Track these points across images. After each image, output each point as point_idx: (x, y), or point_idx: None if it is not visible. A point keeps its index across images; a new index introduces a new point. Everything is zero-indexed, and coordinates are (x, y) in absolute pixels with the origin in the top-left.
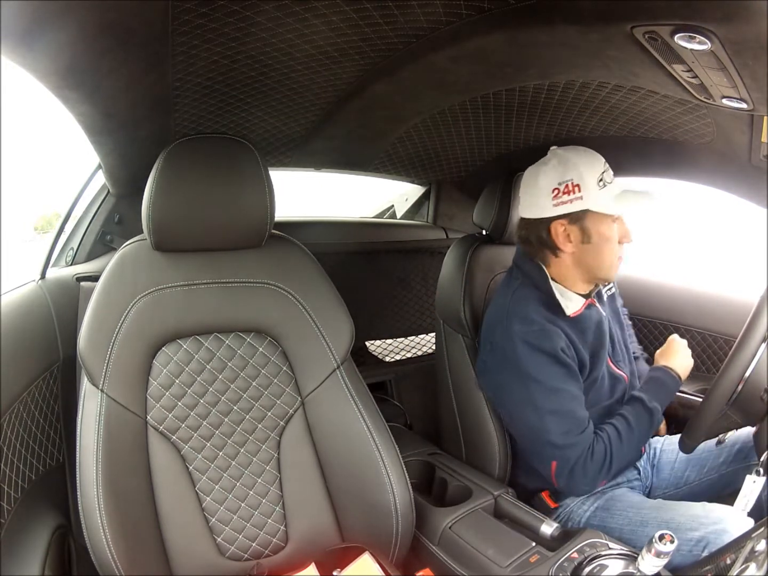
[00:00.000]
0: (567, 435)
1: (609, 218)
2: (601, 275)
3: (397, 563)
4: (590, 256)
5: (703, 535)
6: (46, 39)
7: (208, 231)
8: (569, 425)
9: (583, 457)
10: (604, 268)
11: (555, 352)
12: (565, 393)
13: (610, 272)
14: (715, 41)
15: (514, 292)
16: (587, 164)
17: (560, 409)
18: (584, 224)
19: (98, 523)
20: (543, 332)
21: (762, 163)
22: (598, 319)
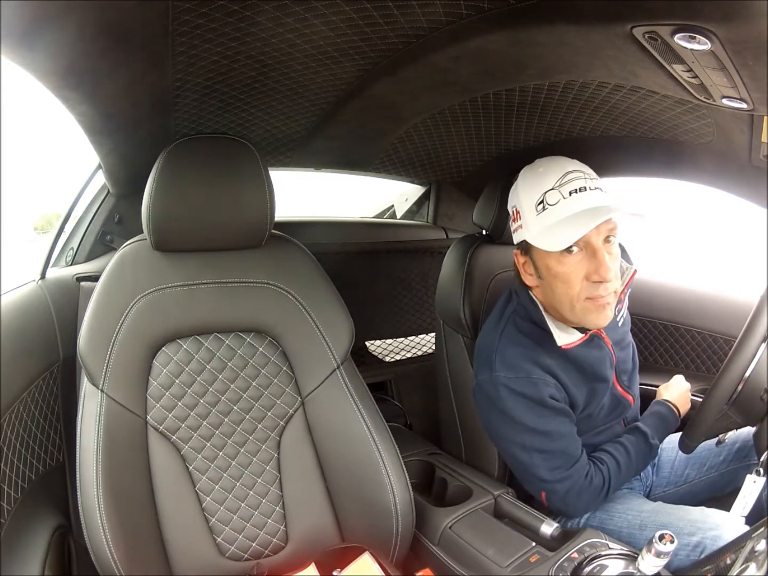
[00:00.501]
0: (556, 471)
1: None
2: (569, 318)
3: (397, 563)
4: (548, 293)
5: (700, 539)
6: (45, 39)
7: (208, 231)
8: (558, 462)
9: (577, 487)
10: (565, 311)
11: (541, 399)
12: (553, 434)
13: (575, 315)
14: (715, 41)
15: (505, 327)
16: (529, 183)
17: (548, 448)
18: (532, 256)
19: (98, 523)
20: (528, 380)
21: (762, 163)
22: (600, 356)
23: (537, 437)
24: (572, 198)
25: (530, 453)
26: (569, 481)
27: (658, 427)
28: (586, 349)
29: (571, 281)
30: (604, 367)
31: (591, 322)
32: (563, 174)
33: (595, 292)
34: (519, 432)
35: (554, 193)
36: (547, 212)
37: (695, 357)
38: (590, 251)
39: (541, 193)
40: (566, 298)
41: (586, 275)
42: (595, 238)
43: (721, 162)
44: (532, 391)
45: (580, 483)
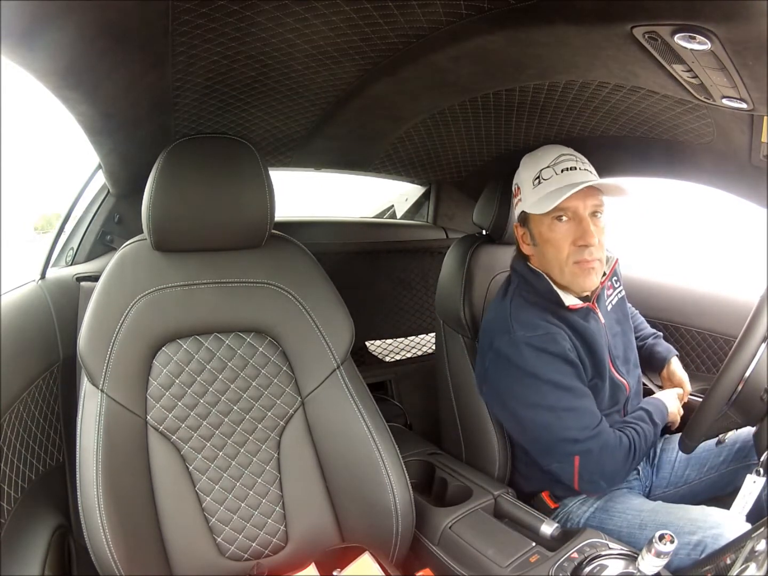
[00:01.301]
0: (585, 429)
1: (548, 218)
2: (559, 280)
3: (397, 563)
4: (541, 259)
5: (700, 538)
6: (45, 39)
7: (208, 231)
8: (587, 420)
9: (611, 444)
10: (556, 273)
11: (563, 353)
12: (577, 390)
13: (564, 277)
14: (715, 41)
15: (512, 299)
16: (529, 164)
17: (575, 405)
18: (529, 225)
19: (98, 523)
20: (548, 335)
21: (762, 163)
22: (597, 328)
23: (564, 394)
24: (563, 174)
25: (558, 413)
26: (602, 438)
27: (656, 412)
28: (586, 319)
29: (560, 246)
30: (603, 341)
31: (578, 285)
32: (558, 155)
33: (581, 257)
34: (545, 392)
35: (548, 170)
36: (542, 185)
37: (695, 357)
38: (577, 220)
39: (537, 170)
40: (556, 262)
41: (573, 240)
42: (582, 210)
43: (721, 162)
44: (553, 346)
45: (612, 440)
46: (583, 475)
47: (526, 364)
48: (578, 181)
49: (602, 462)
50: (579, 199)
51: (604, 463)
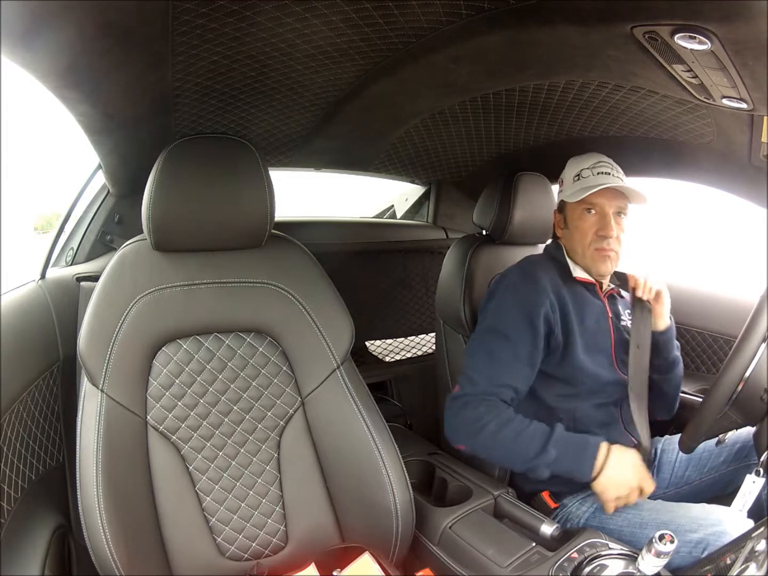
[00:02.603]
0: (479, 373)
1: (580, 208)
2: (580, 262)
3: (397, 563)
4: (569, 241)
5: (702, 536)
6: (45, 39)
7: (208, 231)
8: (490, 370)
9: (473, 403)
10: (578, 255)
11: (531, 308)
12: (510, 345)
13: (585, 260)
14: (715, 41)
15: (530, 259)
16: (573, 163)
17: (496, 352)
18: (565, 212)
19: (98, 523)
20: (533, 289)
21: (762, 163)
22: (599, 313)
23: (495, 336)
24: (598, 176)
25: (479, 349)
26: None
27: (568, 446)
28: (590, 297)
29: (586, 233)
30: (605, 322)
31: (595, 268)
32: (598, 161)
33: (600, 245)
34: (488, 324)
35: (587, 171)
36: (580, 181)
37: (695, 357)
38: (602, 215)
39: (579, 169)
40: (580, 246)
41: (596, 230)
42: (607, 207)
43: (721, 162)
44: (529, 295)
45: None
46: (447, 402)
47: (495, 293)
48: (609, 183)
49: (455, 406)
50: (606, 198)
51: (455, 407)
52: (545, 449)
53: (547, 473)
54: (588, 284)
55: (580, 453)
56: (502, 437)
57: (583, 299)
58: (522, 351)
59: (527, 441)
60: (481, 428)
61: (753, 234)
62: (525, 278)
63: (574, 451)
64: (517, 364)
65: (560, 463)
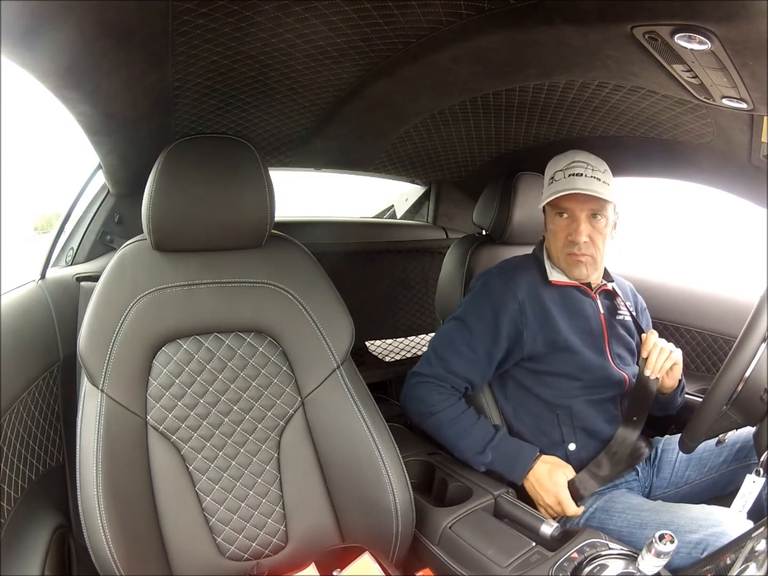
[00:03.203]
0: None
1: (553, 212)
2: (557, 265)
3: (397, 563)
4: (548, 243)
5: (702, 537)
6: (45, 39)
7: (208, 231)
8: (448, 357)
9: (427, 385)
10: (554, 257)
11: (496, 308)
12: (471, 339)
13: (560, 263)
14: (715, 41)
15: (517, 256)
16: (552, 164)
17: (457, 342)
18: (545, 215)
19: (98, 523)
20: (503, 288)
21: (762, 163)
22: (591, 312)
23: (460, 325)
24: (569, 179)
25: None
26: (433, 371)
27: (505, 452)
28: (578, 295)
29: (558, 237)
30: (597, 320)
31: (570, 273)
32: (571, 162)
33: (571, 250)
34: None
35: (560, 173)
36: (553, 184)
37: (695, 357)
38: (572, 219)
39: (553, 171)
40: (554, 249)
41: (567, 235)
42: (578, 211)
43: (721, 162)
44: (497, 294)
45: (432, 384)
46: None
47: (472, 288)
48: (578, 187)
49: (413, 380)
50: (578, 201)
51: (412, 380)
52: (483, 452)
53: (483, 469)
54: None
55: (513, 459)
56: (448, 430)
57: (570, 298)
58: (480, 346)
59: (470, 440)
60: (430, 414)
61: (753, 234)
62: (499, 278)
63: (509, 457)
64: (474, 356)
65: (495, 465)
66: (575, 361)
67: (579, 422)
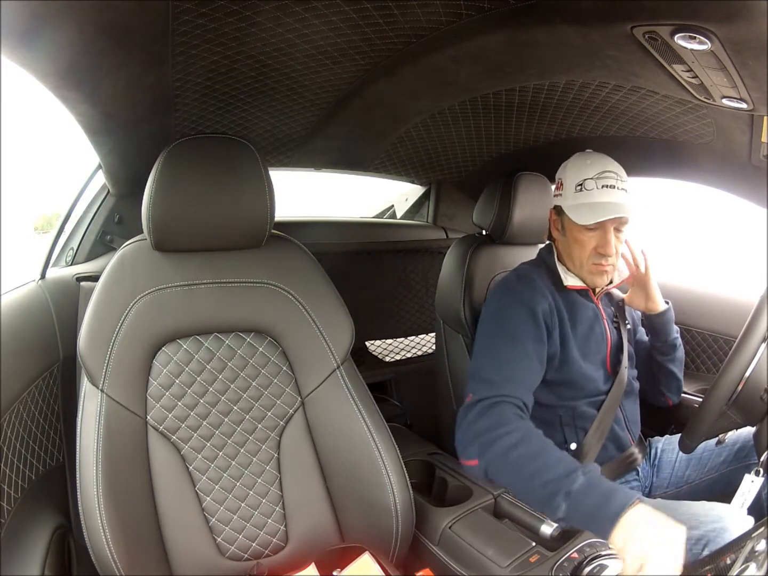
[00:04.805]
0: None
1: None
2: (575, 272)
3: (397, 563)
4: (566, 248)
5: (702, 533)
6: (45, 39)
7: (208, 231)
8: (503, 371)
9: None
10: (575, 265)
11: (531, 306)
12: (513, 337)
13: (581, 271)
14: (715, 41)
15: (525, 263)
16: (576, 167)
17: (504, 354)
18: (563, 218)
19: (98, 523)
20: (530, 287)
21: (762, 163)
22: (594, 317)
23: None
24: (603, 190)
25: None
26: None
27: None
28: (585, 300)
29: (585, 248)
30: (600, 326)
31: (591, 280)
32: (603, 170)
33: (599, 261)
34: (493, 329)
35: (591, 182)
36: (583, 194)
37: (695, 357)
38: (602, 232)
39: (582, 179)
40: (578, 258)
41: (595, 247)
42: (609, 224)
43: (721, 162)
44: (527, 296)
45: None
46: (458, 414)
47: (494, 297)
48: (615, 201)
49: (467, 416)
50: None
51: (468, 418)
52: (571, 476)
53: (563, 510)
54: (581, 289)
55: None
56: (523, 450)
57: (576, 305)
58: (530, 348)
59: (553, 460)
60: (498, 437)
61: (753, 234)
62: (521, 281)
63: (604, 491)
64: (526, 361)
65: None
66: (576, 371)
67: (582, 422)
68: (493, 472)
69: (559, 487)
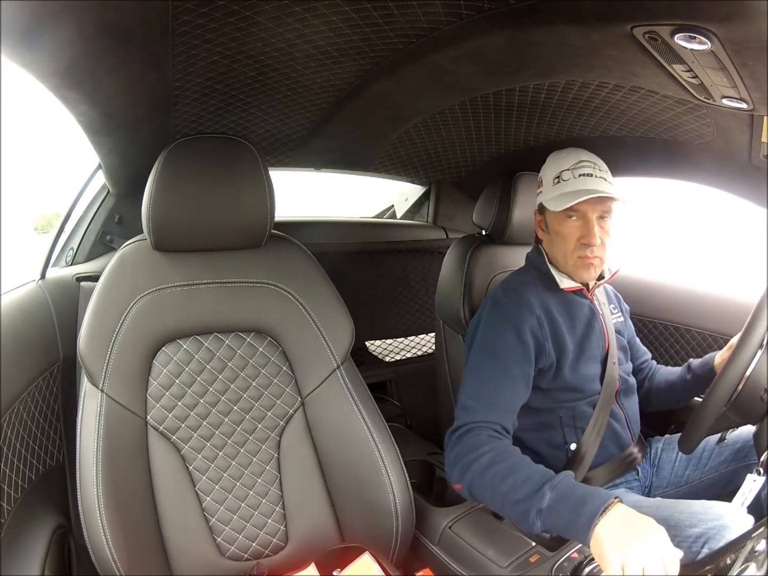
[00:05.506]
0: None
1: (560, 214)
2: (563, 269)
3: (397, 563)
4: (551, 246)
5: (702, 531)
6: (45, 39)
7: (208, 231)
8: (486, 395)
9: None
10: (560, 262)
11: (517, 324)
12: (501, 359)
13: (567, 267)
14: (715, 41)
15: (516, 274)
16: (553, 162)
17: (489, 375)
18: (545, 216)
19: (98, 523)
20: (517, 305)
21: (762, 163)
22: (591, 314)
23: (486, 356)
24: (580, 179)
25: (469, 372)
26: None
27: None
28: (579, 298)
29: (567, 240)
30: (597, 322)
31: (579, 275)
32: (578, 161)
33: (583, 253)
34: (478, 348)
35: (568, 173)
36: (560, 185)
37: (695, 357)
38: (584, 221)
39: (558, 171)
40: (562, 253)
41: (579, 238)
42: (590, 213)
43: (721, 162)
44: (513, 311)
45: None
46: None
47: (482, 316)
48: (591, 188)
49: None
50: (589, 204)
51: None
52: (539, 492)
53: (539, 526)
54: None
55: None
56: (495, 471)
57: (571, 305)
58: (515, 369)
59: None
60: (473, 460)
61: (753, 234)
62: (508, 296)
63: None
64: (511, 383)
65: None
66: (574, 376)
67: (581, 423)
68: (476, 494)
69: (529, 506)
